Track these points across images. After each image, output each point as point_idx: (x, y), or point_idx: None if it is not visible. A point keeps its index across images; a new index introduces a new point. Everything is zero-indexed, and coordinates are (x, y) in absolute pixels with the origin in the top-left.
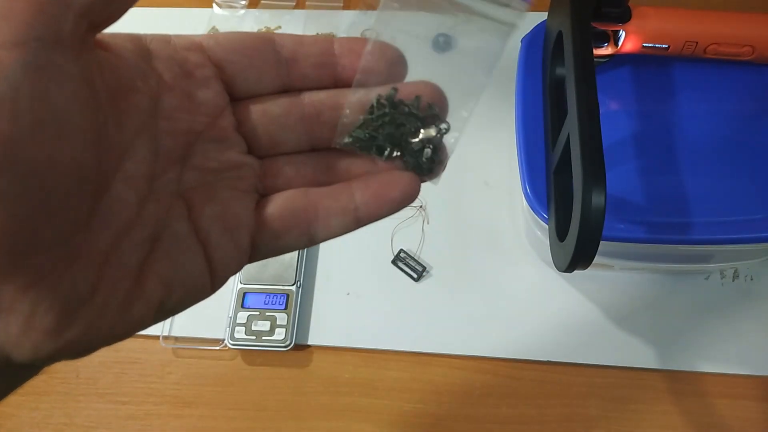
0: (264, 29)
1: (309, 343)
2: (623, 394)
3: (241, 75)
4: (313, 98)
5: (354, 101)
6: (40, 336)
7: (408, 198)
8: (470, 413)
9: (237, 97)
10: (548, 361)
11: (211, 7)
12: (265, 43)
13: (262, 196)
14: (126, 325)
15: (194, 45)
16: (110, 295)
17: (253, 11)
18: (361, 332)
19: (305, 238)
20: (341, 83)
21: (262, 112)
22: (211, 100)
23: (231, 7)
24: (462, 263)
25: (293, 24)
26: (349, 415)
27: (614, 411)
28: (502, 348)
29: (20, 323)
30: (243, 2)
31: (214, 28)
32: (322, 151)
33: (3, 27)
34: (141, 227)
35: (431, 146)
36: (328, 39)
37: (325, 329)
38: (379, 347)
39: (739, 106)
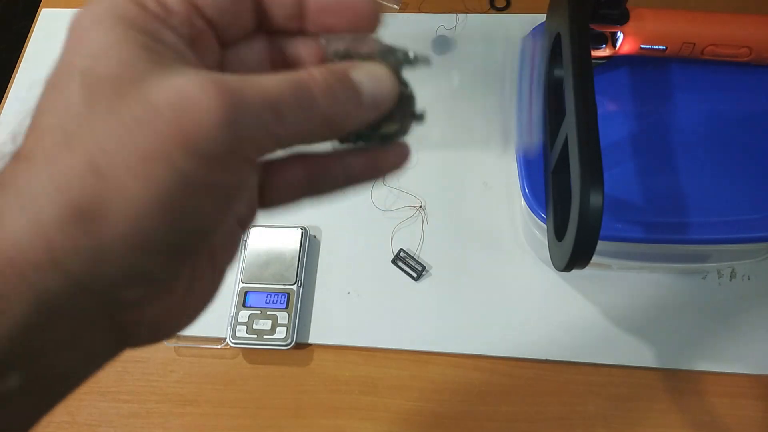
0: None
1: (310, 341)
2: (621, 392)
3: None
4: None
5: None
6: (164, 332)
7: (401, 163)
8: (469, 411)
9: None
10: (546, 360)
11: None
12: None
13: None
14: (212, 295)
15: None
16: (202, 283)
17: None
18: (361, 331)
19: (305, 201)
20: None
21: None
22: None
23: None
24: (461, 263)
25: None
26: (350, 413)
27: (612, 409)
28: (500, 346)
29: (150, 332)
30: None
31: None
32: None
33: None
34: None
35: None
36: None
37: (326, 328)
38: (380, 346)
39: (736, 106)
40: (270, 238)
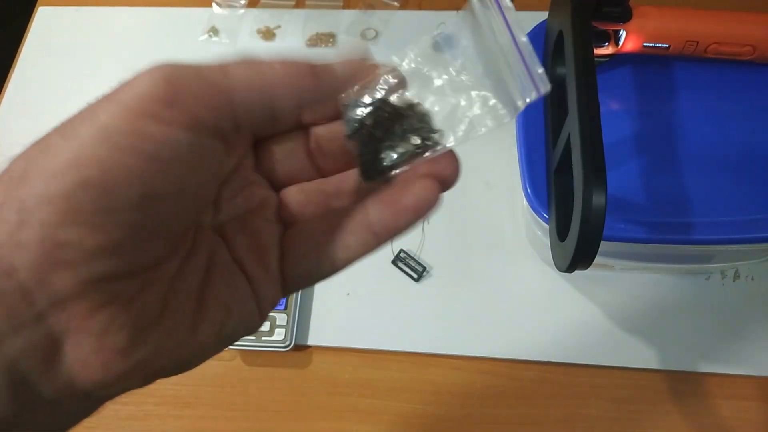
0: (264, 29)
1: (309, 343)
2: (624, 394)
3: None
4: (315, 132)
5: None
6: (111, 355)
7: (424, 203)
8: (470, 414)
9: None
10: (548, 362)
11: (211, 6)
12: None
13: (287, 226)
14: (192, 348)
15: None
16: (178, 317)
17: (253, 11)
18: (361, 332)
19: (327, 261)
20: None
21: (270, 154)
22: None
23: (230, 6)
24: (462, 263)
25: (293, 23)
26: (349, 415)
27: (615, 412)
28: (502, 348)
29: (92, 342)
30: (242, 1)
31: (213, 27)
32: (333, 177)
33: (178, 114)
34: (197, 256)
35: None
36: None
37: (325, 330)
38: (379, 348)
39: (740, 105)
40: None
